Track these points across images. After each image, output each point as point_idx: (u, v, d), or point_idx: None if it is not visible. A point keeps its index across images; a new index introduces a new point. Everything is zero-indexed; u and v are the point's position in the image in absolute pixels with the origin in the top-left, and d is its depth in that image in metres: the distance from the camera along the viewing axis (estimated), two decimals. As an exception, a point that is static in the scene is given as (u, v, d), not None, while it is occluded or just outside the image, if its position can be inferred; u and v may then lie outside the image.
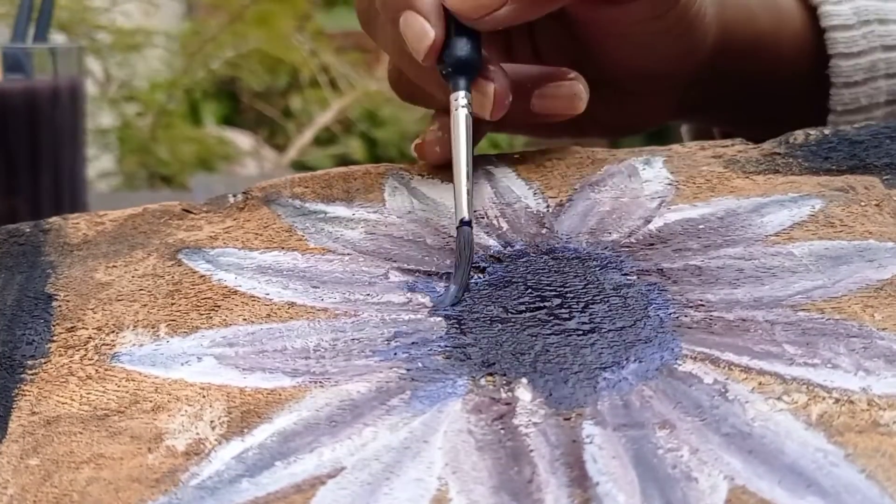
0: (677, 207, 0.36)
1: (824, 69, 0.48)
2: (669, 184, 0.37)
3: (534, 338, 0.30)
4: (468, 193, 0.35)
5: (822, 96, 0.49)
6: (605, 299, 0.31)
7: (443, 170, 0.40)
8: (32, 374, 0.30)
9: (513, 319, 0.31)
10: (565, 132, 0.48)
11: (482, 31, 0.38)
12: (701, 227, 0.35)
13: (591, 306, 0.31)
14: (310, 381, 0.28)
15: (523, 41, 0.46)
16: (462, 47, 0.37)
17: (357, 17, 0.43)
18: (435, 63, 0.37)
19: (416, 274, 0.34)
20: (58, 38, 0.65)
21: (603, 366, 0.28)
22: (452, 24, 0.38)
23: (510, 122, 0.41)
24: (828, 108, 0.49)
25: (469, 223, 0.34)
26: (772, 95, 0.50)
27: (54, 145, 0.63)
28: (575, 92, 0.41)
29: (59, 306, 0.33)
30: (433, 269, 0.34)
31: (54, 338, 0.32)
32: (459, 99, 0.37)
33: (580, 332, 0.30)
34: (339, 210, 0.38)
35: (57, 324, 0.32)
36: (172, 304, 0.33)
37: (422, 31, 0.37)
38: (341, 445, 0.26)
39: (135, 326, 0.32)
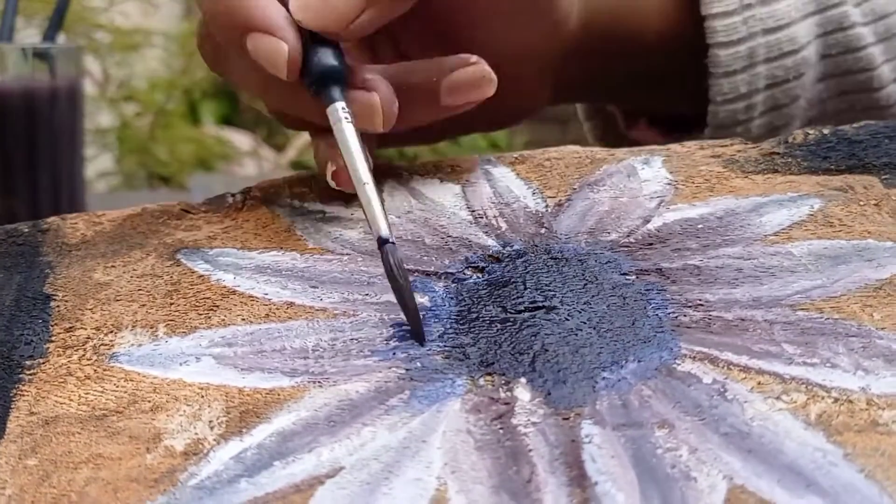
0: (676, 207, 0.36)
1: (701, 51, 0.47)
2: (668, 183, 0.37)
3: (533, 337, 0.30)
4: (379, 207, 0.32)
5: (700, 78, 0.48)
6: (604, 299, 0.31)
7: (442, 169, 0.40)
8: (31, 375, 0.30)
9: (511, 319, 0.31)
10: (452, 130, 0.46)
11: (347, 40, 0.36)
12: (700, 226, 0.35)
13: (590, 306, 0.31)
14: (308, 381, 0.28)
15: (385, 43, 0.44)
16: (323, 55, 0.35)
17: (205, 61, 0.40)
18: (299, 78, 0.35)
19: (415, 274, 0.34)
20: (57, 38, 0.65)
21: (602, 365, 0.28)
22: (308, 38, 0.35)
23: (410, 125, 0.38)
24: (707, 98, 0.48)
25: (390, 241, 0.31)
26: (644, 73, 0.49)
27: (53, 145, 0.63)
28: (483, 74, 0.38)
29: (58, 306, 0.33)
30: (432, 269, 0.34)
31: (52, 338, 0.32)
32: (338, 111, 0.34)
33: (579, 332, 0.30)
34: (337, 210, 0.38)
35: (55, 324, 0.32)
36: (171, 304, 0.33)
37: (274, 47, 0.34)
38: (340, 445, 0.26)
39: (133, 326, 0.32)
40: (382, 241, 0.31)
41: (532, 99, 0.47)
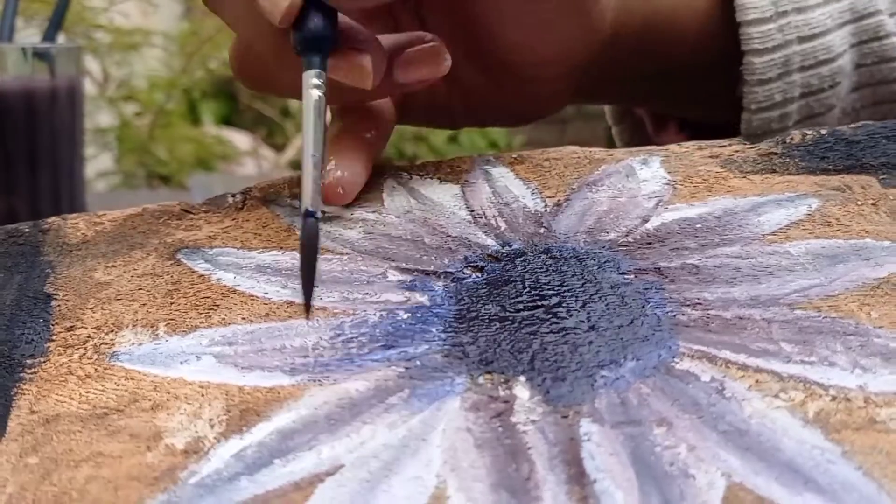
0: (674, 207, 0.36)
1: (734, 58, 0.47)
2: (667, 183, 0.38)
3: (532, 336, 0.30)
4: (315, 181, 0.32)
5: (734, 85, 0.47)
6: (603, 298, 0.31)
7: (442, 169, 0.40)
8: (32, 373, 0.30)
9: (511, 318, 0.31)
10: (467, 121, 0.46)
11: (351, 10, 0.36)
12: (698, 226, 0.35)
13: (588, 305, 0.31)
14: (308, 380, 0.29)
15: (412, 29, 0.43)
16: (317, 19, 0.35)
17: None
18: (290, 26, 0.34)
19: (415, 273, 0.34)
20: (56, 38, 0.65)
21: (601, 364, 0.28)
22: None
23: (365, 98, 0.38)
24: (741, 106, 0.47)
25: (314, 215, 0.31)
26: (675, 79, 0.49)
27: (53, 145, 0.63)
28: (436, 52, 0.38)
29: (59, 306, 0.33)
30: (431, 269, 0.34)
31: (53, 337, 0.32)
32: (311, 79, 0.34)
33: (578, 331, 0.30)
34: (336, 209, 0.38)
35: (56, 323, 0.32)
36: (171, 303, 0.33)
37: None
38: (340, 443, 0.26)
39: (134, 325, 0.32)
40: (307, 214, 0.32)
41: (554, 100, 0.47)
